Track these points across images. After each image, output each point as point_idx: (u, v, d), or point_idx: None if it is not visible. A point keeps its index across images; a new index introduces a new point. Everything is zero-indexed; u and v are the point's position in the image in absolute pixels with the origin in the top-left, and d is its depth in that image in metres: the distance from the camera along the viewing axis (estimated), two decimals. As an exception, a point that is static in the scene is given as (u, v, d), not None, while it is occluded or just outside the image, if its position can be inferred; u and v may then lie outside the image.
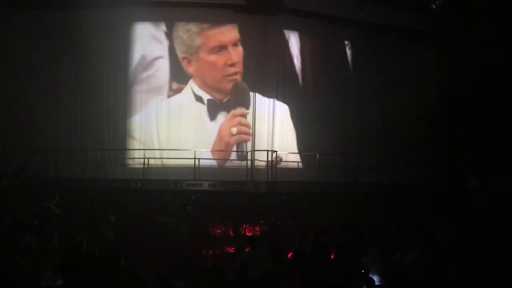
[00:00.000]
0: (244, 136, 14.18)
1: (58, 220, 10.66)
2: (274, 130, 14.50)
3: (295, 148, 14.61)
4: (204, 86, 14.12)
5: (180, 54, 14.01)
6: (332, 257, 9.61)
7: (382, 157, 15.08)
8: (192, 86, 14.06)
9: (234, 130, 14.08)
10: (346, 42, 15.49)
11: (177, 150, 13.30)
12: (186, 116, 14.00)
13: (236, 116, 14.15)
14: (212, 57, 14.05)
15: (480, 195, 13.03)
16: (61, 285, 7.24)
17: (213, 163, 13.77)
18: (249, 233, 11.98)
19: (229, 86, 14.14)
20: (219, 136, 14.06)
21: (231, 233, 12.16)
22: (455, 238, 10.44)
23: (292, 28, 14.91)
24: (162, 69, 13.97)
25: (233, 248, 10.67)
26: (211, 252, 10.12)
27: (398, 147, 15.01)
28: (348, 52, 15.49)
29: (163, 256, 9.61)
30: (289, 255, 8.76)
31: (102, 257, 8.26)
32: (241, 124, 14.16)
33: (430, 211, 12.20)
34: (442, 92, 14.99)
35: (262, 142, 14.23)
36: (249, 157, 13.55)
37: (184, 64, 14.01)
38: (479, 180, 13.31)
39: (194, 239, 11.40)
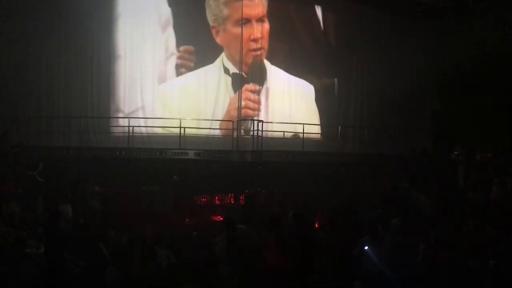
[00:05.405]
0: (250, 111, 14.21)
1: (42, 188, 10.59)
2: (260, 99, 14.50)
3: (282, 118, 14.56)
4: (231, 58, 14.19)
5: (210, 23, 13.99)
6: (316, 226, 9.76)
7: (366, 129, 15.15)
8: (222, 57, 14.13)
9: (242, 104, 14.10)
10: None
11: (162, 118, 13.20)
12: (211, 87, 14.07)
13: (247, 90, 14.20)
14: (237, 30, 14.07)
15: (462, 166, 13.22)
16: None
17: (199, 132, 13.73)
18: (233, 201, 12.13)
19: (251, 60, 14.24)
20: (228, 109, 14.15)
21: (216, 202, 12.27)
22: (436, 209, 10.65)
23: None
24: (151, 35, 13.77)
25: (218, 217, 10.78)
26: (197, 221, 10.18)
27: (382, 119, 15.12)
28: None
29: (148, 225, 9.62)
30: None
31: (87, 226, 8.25)
32: (249, 99, 14.21)
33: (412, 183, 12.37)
34: (430, 66, 15.03)
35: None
36: (235, 126, 13.53)
37: (213, 33, 14.01)
38: (461, 152, 13.47)
39: (179, 208, 11.43)
